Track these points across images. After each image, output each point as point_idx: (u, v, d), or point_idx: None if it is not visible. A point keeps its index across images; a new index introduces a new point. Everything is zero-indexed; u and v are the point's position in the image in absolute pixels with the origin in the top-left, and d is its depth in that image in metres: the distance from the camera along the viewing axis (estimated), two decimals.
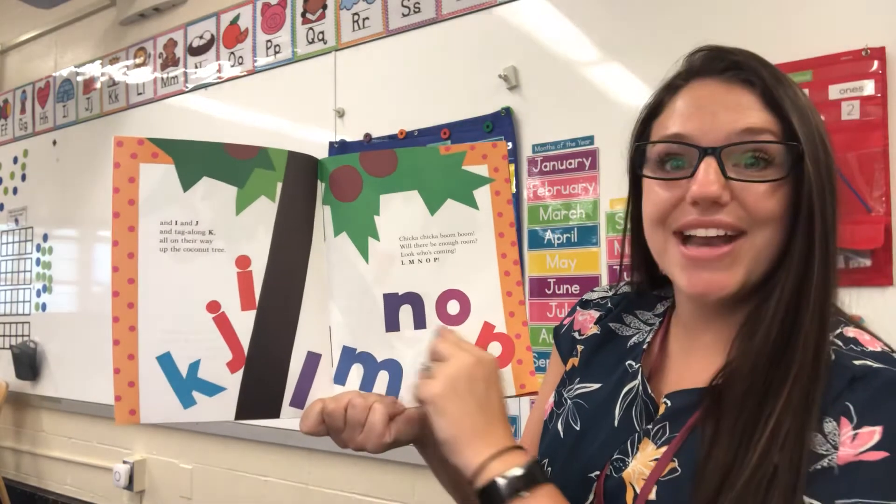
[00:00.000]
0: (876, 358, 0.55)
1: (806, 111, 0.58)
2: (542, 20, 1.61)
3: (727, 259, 0.58)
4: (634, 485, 0.61)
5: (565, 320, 0.83)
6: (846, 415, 0.52)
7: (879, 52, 1.20)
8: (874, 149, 1.19)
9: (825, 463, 0.52)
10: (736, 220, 0.57)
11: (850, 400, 0.53)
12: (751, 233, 0.57)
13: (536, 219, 1.60)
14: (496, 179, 0.70)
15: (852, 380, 0.54)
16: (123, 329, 0.62)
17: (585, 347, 0.77)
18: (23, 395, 2.93)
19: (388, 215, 0.68)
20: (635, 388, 0.68)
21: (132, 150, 0.62)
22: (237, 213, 0.64)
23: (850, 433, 0.52)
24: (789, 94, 0.58)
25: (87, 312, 2.71)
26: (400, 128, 1.83)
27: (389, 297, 0.68)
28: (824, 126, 0.60)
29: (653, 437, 0.63)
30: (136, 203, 0.61)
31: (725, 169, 0.57)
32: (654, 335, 0.72)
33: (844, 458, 0.51)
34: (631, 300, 0.78)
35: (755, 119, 0.57)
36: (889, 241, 1.18)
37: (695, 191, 0.57)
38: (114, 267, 0.61)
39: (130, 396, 0.60)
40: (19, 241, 3.02)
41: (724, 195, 0.56)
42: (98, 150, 2.68)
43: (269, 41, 2.15)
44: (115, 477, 2.51)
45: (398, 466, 1.81)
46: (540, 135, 1.61)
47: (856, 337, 0.58)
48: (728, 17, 1.36)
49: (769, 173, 0.57)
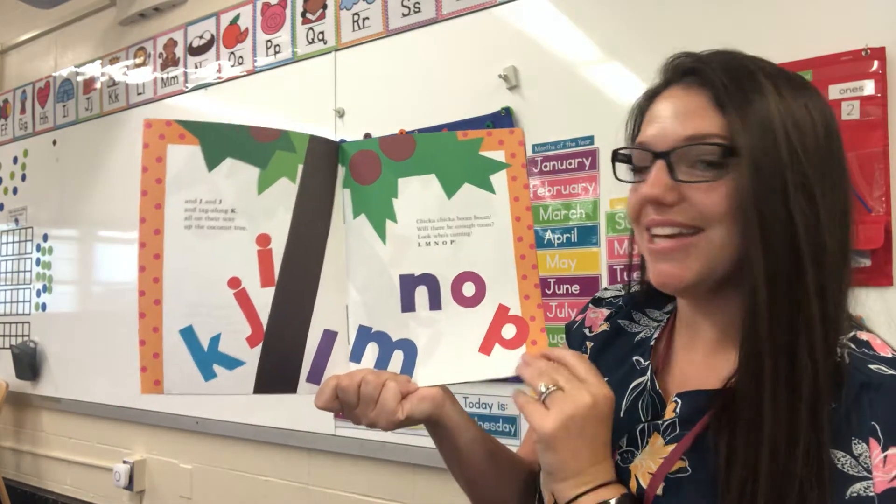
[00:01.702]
0: (888, 363, 0.55)
1: (762, 114, 0.58)
2: (542, 20, 1.61)
3: (681, 252, 0.61)
4: (639, 477, 0.63)
5: (577, 317, 0.85)
6: (874, 435, 0.53)
7: (879, 52, 1.20)
8: (874, 149, 1.19)
9: (862, 491, 0.52)
10: (688, 219, 0.60)
11: (874, 418, 0.53)
12: (707, 230, 0.60)
13: (536, 219, 1.60)
14: (512, 165, 0.72)
15: (864, 386, 0.54)
16: (149, 302, 0.62)
17: (595, 344, 0.79)
18: (23, 395, 2.93)
19: (406, 198, 0.70)
20: (643, 383, 0.69)
21: (160, 131, 0.64)
22: (259, 193, 0.66)
23: (880, 455, 0.52)
24: (747, 97, 0.59)
25: (87, 312, 2.71)
26: (400, 128, 1.83)
27: (405, 277, 0.70)
28: (814, 130, 0.59)
29: (663, 433, 0.64)
30: (164, 182, 0.63)
31: (676, 171, 0.60)
32: (661, 331, 0.73)
33: (881, 486, 0.52)
34: (641, 299, 0.80)
35: (700, 123, 0.60)
36: (889, 241, 1.18)
37: (643, 192, 0.62)
38: (141, 243, 0.62)
39: (155, 367, 0.62)
40: (19, 241, 3.02)
41: (669, 196, 0.60)
42: (98, 150, 2.68)
43: (269, 41, 2.15)
44: (115, 477, 2.51)
45: (398, 466, 1.81)
46: (540, 135, 1.61)
47: (869, 341, 0.58)
48: (728, 17, 1.36)
49: (712, 174, 0.59)
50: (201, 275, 0.64)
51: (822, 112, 0.61)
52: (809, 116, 0.60)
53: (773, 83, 0.60)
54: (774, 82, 0.60)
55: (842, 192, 0.60)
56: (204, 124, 0.65)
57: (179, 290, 0.63)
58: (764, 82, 0.60)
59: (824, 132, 0.60)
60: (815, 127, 0.59)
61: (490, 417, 1.64)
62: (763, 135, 0.58)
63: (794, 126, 0.58)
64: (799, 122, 0.59)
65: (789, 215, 0.56)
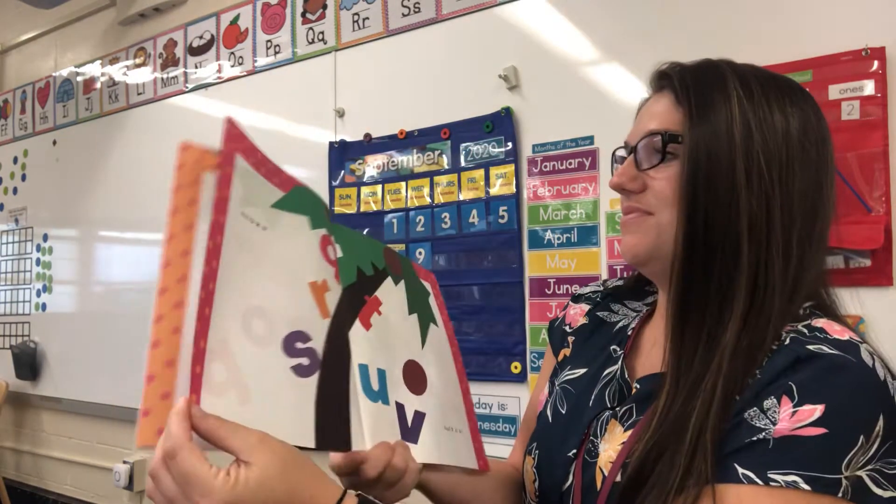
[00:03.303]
0: (834, 344, 0.56)
1: (717, 108, 0.62)
2: (542, 20, 1.61)
3: (636, 223, 0.68)
4: (603, 468, 0.64)
5: (559, 314, 0.88)
6: (788, 394, 0.54)
7: (879, 52, 1.20)
8: (874, 149, 1.19)
9: (761, 436, 0.53)
10: (643, 205, 0.67)
11: (793, 380, 0.54)
12: (657, 213, 0.66)
13: (536, 219, 1.60)
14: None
15: (796, 361, 0.55)
16: (166, 330, 0.51)
17: (576, 338, 0.81)
18: (23, 395, 2.93)
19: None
20: (614, 371, 0.71)
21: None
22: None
23: (789, 410, 0.53)
24: (704, 96, 0.64)
25: (87, 312, 2.71)
26: (400, 128, 1.83)
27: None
28: (785, 136, 0.62)
29: (620, 419, 0.66)
30: (197, 203, 0.54)
31: (640, 163, 0.67)
32: (638, 321, 0.76)
33: (780, 432, 0.52)
34: (622, 292, 0.82)
35: (660, 120, 0.66)
36: (889, 241, 1.18)
37: (610, 182, 0.70)
38: (165, 261, 0.52)
39: (161, 412, 0.49)
40: (19, 241, 3.02)
41: (630, 184, 0.67)
42: (98, 150, 2.68)
43: (269, 41, 2.15)
44: (115, 477, 2.51)
45: None
46: (540, 135, 1.61)
47: (824, 327, 0.58)
48: (728, 17, 1.36)
49: (658, 160, 0.65)
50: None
51: (805, 117, 0.64)
52: (782, 118, 0.62)
53: (746, 88, 0.63)
54: (747, 87, 0.63)
55: (815, 191, 0.63)
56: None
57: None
58: (732, 86, 0.63)
59: (799, 135, 0.62)
60: (787, 127, 0.62)
61: (490, 417, 1.64)
62: (709, 126, 0.62)
63: (757, 124, 0.62)
64: (763, 121, 0.62)
65: (731, 201, 0.60)
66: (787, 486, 0.50)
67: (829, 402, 0.52)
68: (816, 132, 0.64)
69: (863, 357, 0.54)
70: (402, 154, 1.83)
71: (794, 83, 0.67)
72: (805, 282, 0.61)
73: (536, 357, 1.59)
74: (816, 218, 0.63)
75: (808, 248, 0.62)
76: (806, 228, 0.61)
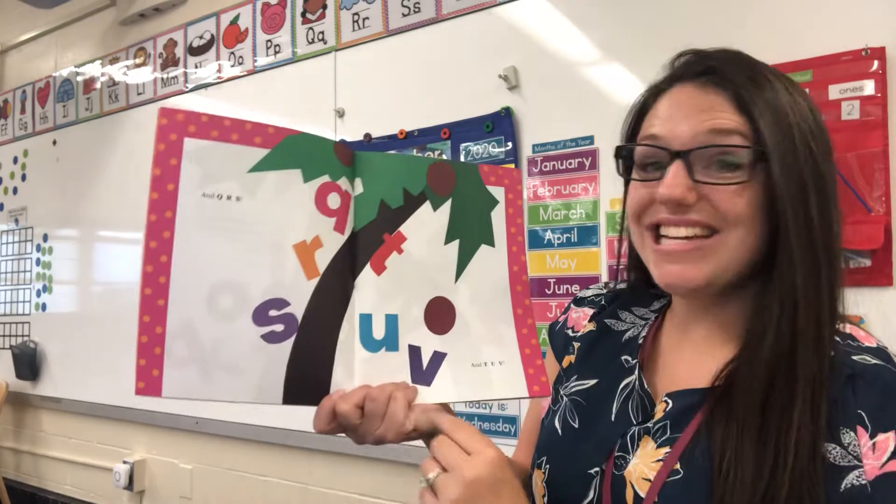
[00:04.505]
0: (872, 353, 0.56)
1: (781, 113, 0.58)
2: (542, 20, 1.61)
3: (696, 253, 0.60)
4: (635, 484, 0.61)
5: (560, 318, 0.84)
6: (861, 423, 0.53)
7: (879, 52, 1.20)
8: (874, 149, 1.19)
9: (855, 481, 0.52)
10: (707, 219, 0.59)
11: (861, 407, 0.54)
12: (723, 231, 0.59)
13: (536, 219, 1.60)
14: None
15: (851, 377, 0.55)
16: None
17: (582, 344, 0.78)
18: (23, 395, 2.93)
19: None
20: (632, 383, 0.68)
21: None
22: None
23: (868, 443, 0.52)
24: (765, 97, 0.59)
25: (87, 312, 2.71)
26: (400, 128, 1.83)
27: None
28: (816, 127, 0.60)
29: (653, 436, 0.63)
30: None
31: (694, 171, 0.59)
32: (648, 329, 0.72)
33: (872, 473, 0.52)
34: (626, 297, 0.79)
35: (722, 120, 0.59)
36: (889, 241, 1.18)
37: (661, 192, 0.59)
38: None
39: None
40: (19, 241, 3.02)
41: (689, 196, 0.58)
42: (98, 150, 2.68)
43: (269, 41, 2.15)
44: (115, 477, 2.51)
45: (398, 466, 1.81)
46: (540, 135, 1.61)
47: (852, 332, 0.59)
48: (728, 17, 1.36)
49: (736, 175, 0.58)
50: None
51: (816, 110, 0.62)
52: (811, 114, 0.60)
53: (781, 82, 0.60)
54: (781, 81, 0.60)
55: (836, 187, 0.61)
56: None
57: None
58: (774, 81, 0.60)
59: (820, 130, 0.61)
60: (818, 125, 0.60)
61: (490, 417, 1.64)
62: (784, 135, 0.57)
63: (805, 124, 0.59)
64: (807, 120, 0.59)
65: (807, 214, 0.57)
66: None
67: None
68: (824, 126, 0.62)
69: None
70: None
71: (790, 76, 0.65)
72: (842, 284, 0.60)
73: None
74: (828, 217, 0.60)
75: (840, 248, 0.60)
76: (839, 226, 0.60)
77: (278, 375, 0.60)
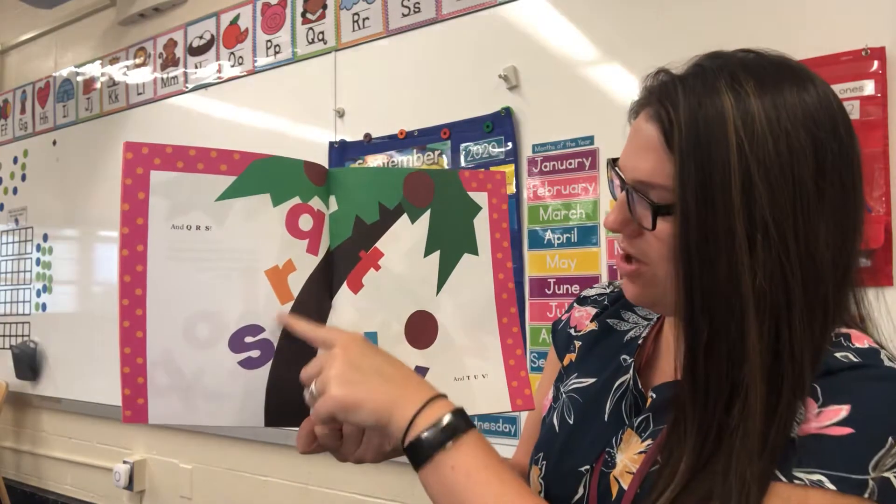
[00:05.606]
0: (857, 352, 0.55)
1: (714, 154, 0.53)
2: (542, 20, 1.61)
3: (633, 274, 0.64)
4: (619, 479, 0.63)
5: (563, 316, 0.85)
6: (812, 395, 0.53)
7: (879, 52, 1.20)
8: (874, 149, 1.19)
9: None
10: (635, 252, 0.62)
11: (817, 383, 0.53)
12: (651, 265, 0.61)
13: (536, 219, 1.60)
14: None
15: (826, 373, 0.54)
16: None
17: (583, 343, 0.78)
18: (23, 395, 2.93)
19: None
20: (626, 381, 0.69)
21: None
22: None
23: (815, 411, 0.52)
24: (697, 138, 0.54)
25: (87, 312, 2.71)
26: (400, 128, 1.83)
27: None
28: (787, 148, 0.53)
29: (637, 430, 0.64)
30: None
31: (633, 209, 0.60)
32: (649, 329, 0.73)
33: (806, 431, 0.52)
34: None
35: (647, 167, 0.59)
36: (889, 241, 1.18)
37: (605, 220, 0.64)
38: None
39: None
40: (19, 241, 3.02)
41: (625, 229, 0.62)
42: (98, 150, 2.68)
43: (269, 41, 2.15)
44: (115, 477, 2.51)
45: (398, 466, 1.80)
46: (540, 135, 1.61)
47: (849, 333, 0.58)
48: (728, 17, 1.36)
49: (652, 220, 0.58)
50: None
51: (820, 138, 0.54)
52: (788, 153, 0.53)
53: (747, 118, 0.53)
54: (749, 116, 0.53)
55: (843, 233, 0.56)
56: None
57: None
58: (732, 125, 0.53)
59: (815, 173, 0.54)
60: (798, 169, 0.53)
61: (490, 417, 1.64)
62: (705, 186, 0.54)
63: (762, 174, 0.53)
64: (769, 168, 0.53)
65: (711, 263, 0.54)
66: (812, 484, 0.50)
67: (855, 402, 0.51)
68: (837, 155, 0.55)
69: (883, 360, 0.54)
70: (402, 154, 1.83)
71: (803, 73, 0.57)
72: (836, 316, 0.58)
73: (536, 357, 1.59)
74: (851, 256, 0.57)
75: (844, 288, 0.58)
76: (838, 275, 0.56)
77: (258, 400, 0.61)
